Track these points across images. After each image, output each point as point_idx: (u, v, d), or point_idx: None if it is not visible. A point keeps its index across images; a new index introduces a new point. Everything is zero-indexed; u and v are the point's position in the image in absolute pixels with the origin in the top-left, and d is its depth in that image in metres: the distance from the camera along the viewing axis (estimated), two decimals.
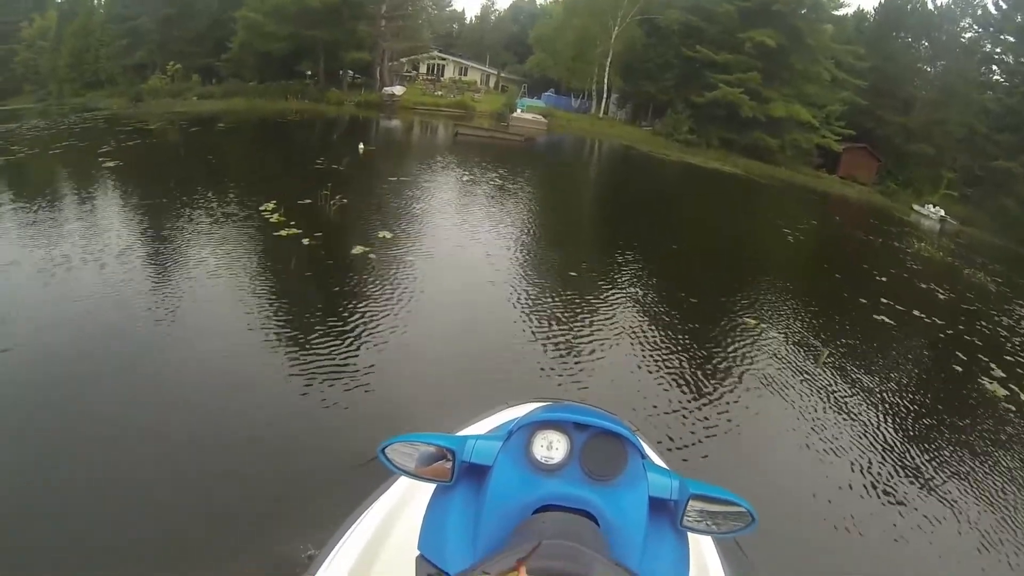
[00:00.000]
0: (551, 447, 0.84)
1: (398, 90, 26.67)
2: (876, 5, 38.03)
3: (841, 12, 31.48)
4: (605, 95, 29.40)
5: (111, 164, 9.87)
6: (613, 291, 5.99)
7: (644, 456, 0.87)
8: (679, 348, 4.81)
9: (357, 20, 27.51)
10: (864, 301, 7.46)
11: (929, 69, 37.37)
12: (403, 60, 30.59)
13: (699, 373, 4.42)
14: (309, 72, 29.01)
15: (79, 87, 38.72)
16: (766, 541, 2.42)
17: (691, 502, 0.82)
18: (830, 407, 4.29)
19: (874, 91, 33.49)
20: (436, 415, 3.06)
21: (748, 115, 28.06)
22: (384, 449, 0.87)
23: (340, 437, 3.02)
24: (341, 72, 28.83)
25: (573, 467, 0.82)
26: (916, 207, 30.98)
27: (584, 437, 0.84)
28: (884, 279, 9.26)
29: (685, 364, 4.53)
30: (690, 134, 27.28)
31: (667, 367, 4.42)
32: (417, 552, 0.85)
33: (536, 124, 24.92)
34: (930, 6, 37.99)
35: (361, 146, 13.22)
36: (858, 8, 33.06)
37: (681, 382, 4.22)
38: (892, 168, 35.37)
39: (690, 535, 0.86)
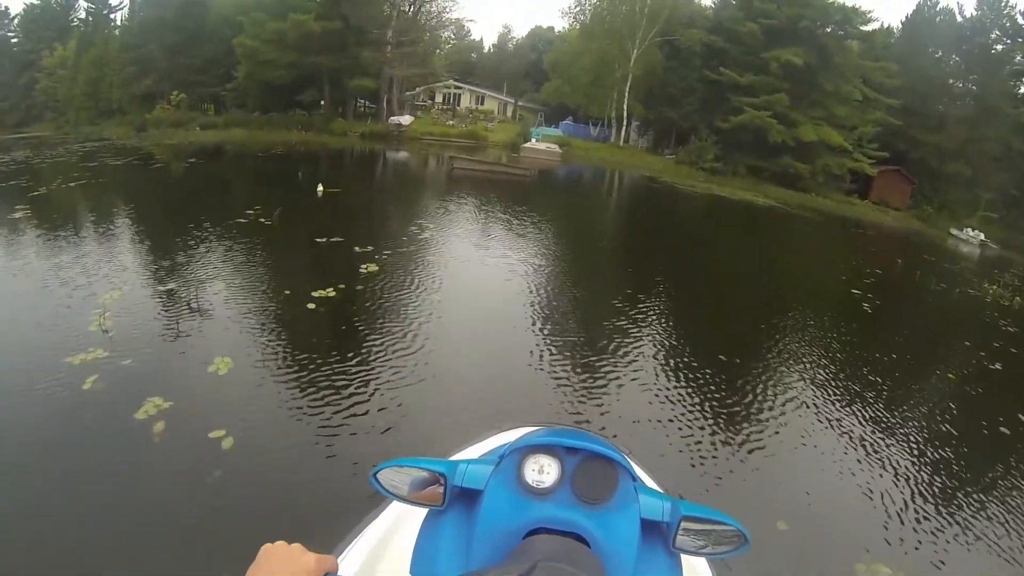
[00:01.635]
0: (542, 471, 0.84)
1: (405, 120, 25.25)
2: (903, 19, 36.42)
3: (868, 28, 29.68)
4: (625, 122, 27.82)
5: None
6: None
7: (635, 479, 0.87)
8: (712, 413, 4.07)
9: (362, 46, 26.32)
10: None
11: (960, 84, 35.58)
12: (418, 89, 29.30)
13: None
14: (311, 101, 27.76)
15: (94, 115, 39.42)
16: None
17: (683, 523, 0.81)
18: None
19: (905, 110, 31.74)
20: None
21: (776, 140, 26.38)
22: (376, 474, 0.86)
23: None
24: (347, 101, 27.56)
25: (564, 490, 0.82)
26: (954, 231, 29.60)
27: (575, 461, 0.84)
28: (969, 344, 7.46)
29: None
30: (716, 162, 25.56)
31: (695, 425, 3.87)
32: None
33: (550, 155, 23.27)
34: (959, 18, 36.36)
35: (320, 188, 11.24)
36: (882, 24, 31.24)
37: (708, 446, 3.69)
38: (926, 191, 33.47)
39: (683, 557, 0.86)
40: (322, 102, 27.54)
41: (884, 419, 4.53)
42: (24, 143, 22.22)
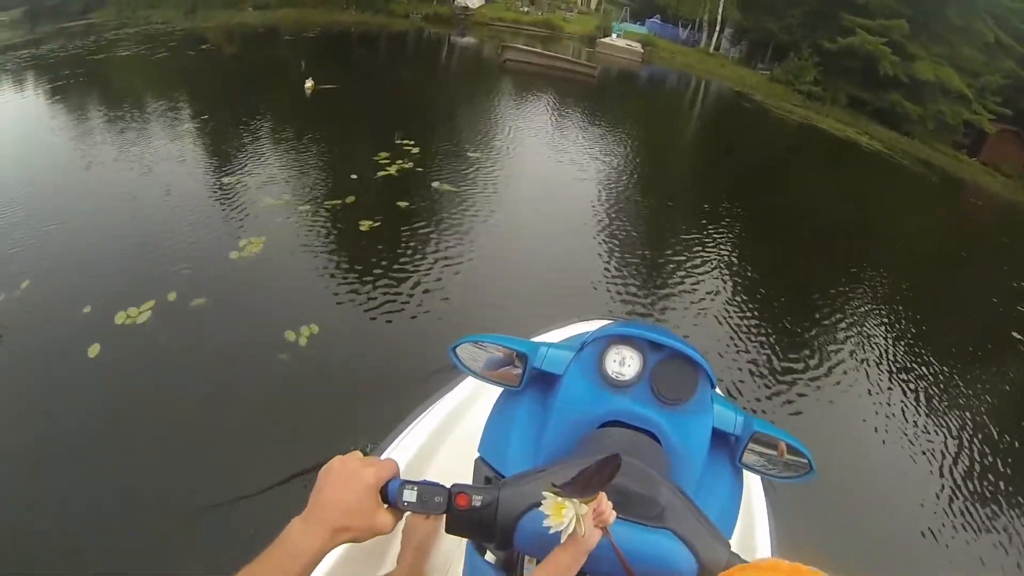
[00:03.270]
0: (624, 363, 0.81)
1: (474, 2, 23.02)
2: None
3: None
4: (718, 28, 24.79)
5: None
6: None
7: (714, 386, 0.84)
8: None
9: None
10: None
11: None
12: None
13: None
14: None
15: None
16: None
17: (753, 441, 0.80)
18: None
19: None
20: None
21: (888, 72, 23.05)
22: (455, 348, 0.84)
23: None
24: None
25: (643, 386, 0.80)
26: None
27: (658, 357, 0.81)
28: None
29: None
30: (814, 85, 22.53)
31: None
32: (476, 455, 0.84)
33: (630, 53, 20.78)
34: None
35: (309, 83, 8.98)
36: None
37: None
38: None
39: (745, 473, 0.84)
40: None
41: None
42: (71, 33, 21.30)
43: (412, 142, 6.67)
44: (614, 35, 22.35)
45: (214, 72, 11.72)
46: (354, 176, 5.56)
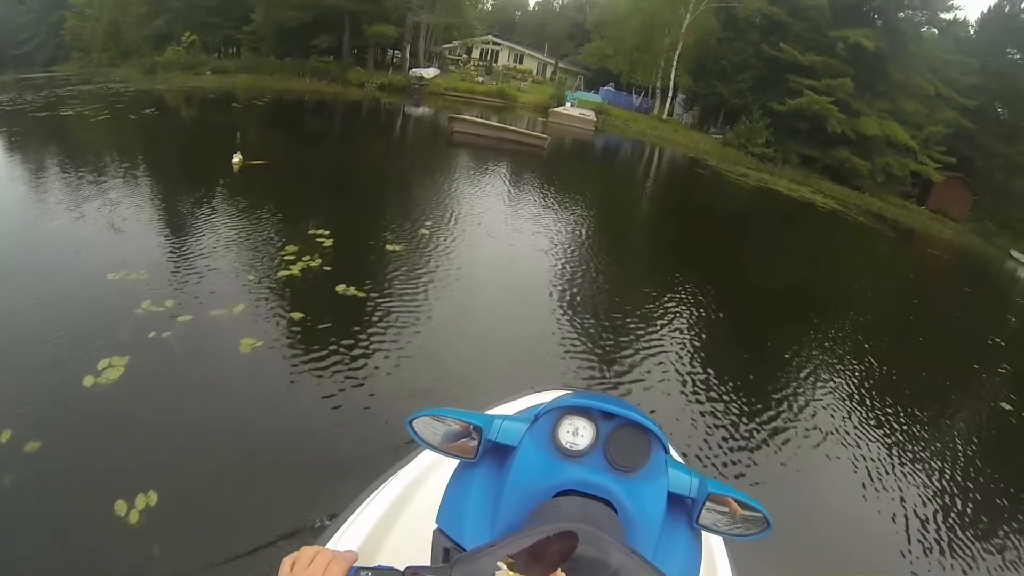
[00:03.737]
0: (577, 433, 0.84)
1: (428, 73, 22.88)
2: (980, 14, 33.11)
3: (949, 16, 26.60)
4: (670, 94, 25.13)
5: None
6: None
7: (667, 451, 0.87)
8: None
9: None
10: None
11: None
12: (455, 43, 26.81)
13: None
14: (328, 48, 25.46)
15: (114, 56, 38.26)
16: None
17: (709, 501, 0.82)
18: None
19: (977, 113, 28.70)
20: None
21: (836, 130, 23.65)
22: (412, 421, 0.87)
23: None
24: (368, 49, 25.20)
25: (597, 455, 0.82)
26: (1014, 253, 26.82)
27: (611, 426, 0.84)
28: None
29: None
30: (766, 147, 22.93)
31: None
32: (435, 526, 0.86)
33: (583, 122, 20.78)
34: None
35: (237, 158, 8.11)
36: (956, 16, 27.97)
37: None
38: (988, 205, 30.48)
39: (704, 535, 0.87)
40: (326, 47, 25.25)
41: None
42: (27, 85, 20.45)
43: (327, 232, 5.79)
44: (568, 104, 22.47)
45: (148, 140, 11.01)
46: (251, 277, 4.72)
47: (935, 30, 26.70)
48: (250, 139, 9.66)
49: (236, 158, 8.02)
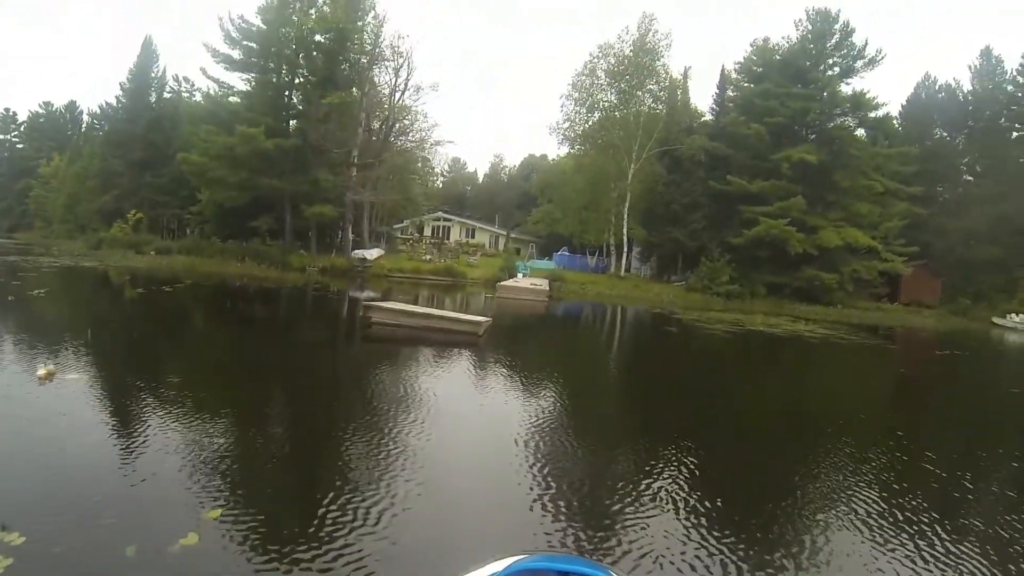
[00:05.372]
0: None
1: (371, 254, 21.65)
2: (902, 104, 34.51)
3: (878, 114, 27.21)
4: (625, 249, 24.40)
5: None
6: None
7: None
8: None
9: (321, 168, 23.18)
10: None
11: (976, 165, 33.32)
12: (405, 221, 26.06)
13: None
14: (269, 229, 24.33)
15: (72, 228, 38.48)
16: None
17: None
18: None
19: (925, 199, 29.00)
20: None
21: (798, 250, 23.05)
22: None
23: None
24: (310, 230, 24.17)
25: None
26: (996, 320, 27.15)
27: None
28: None
29: None
30: (731, 284, 22.01)
31: None
32: None
33: (535, 293, 19.43)
34: (959, 95, 34.46)
35: (43, 370, 6.04)
36: (885, 114, 28.81)
37: None
38: (957, 282, 30.29)
39: None
40: (265, 228, 24.18)
41: None
42: None
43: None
44: (520, 275, 21.50)
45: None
46: None
47: (864, 132, 27.24)
48: (103, 338, 7.94)
49: (42, 370, 5.67)
